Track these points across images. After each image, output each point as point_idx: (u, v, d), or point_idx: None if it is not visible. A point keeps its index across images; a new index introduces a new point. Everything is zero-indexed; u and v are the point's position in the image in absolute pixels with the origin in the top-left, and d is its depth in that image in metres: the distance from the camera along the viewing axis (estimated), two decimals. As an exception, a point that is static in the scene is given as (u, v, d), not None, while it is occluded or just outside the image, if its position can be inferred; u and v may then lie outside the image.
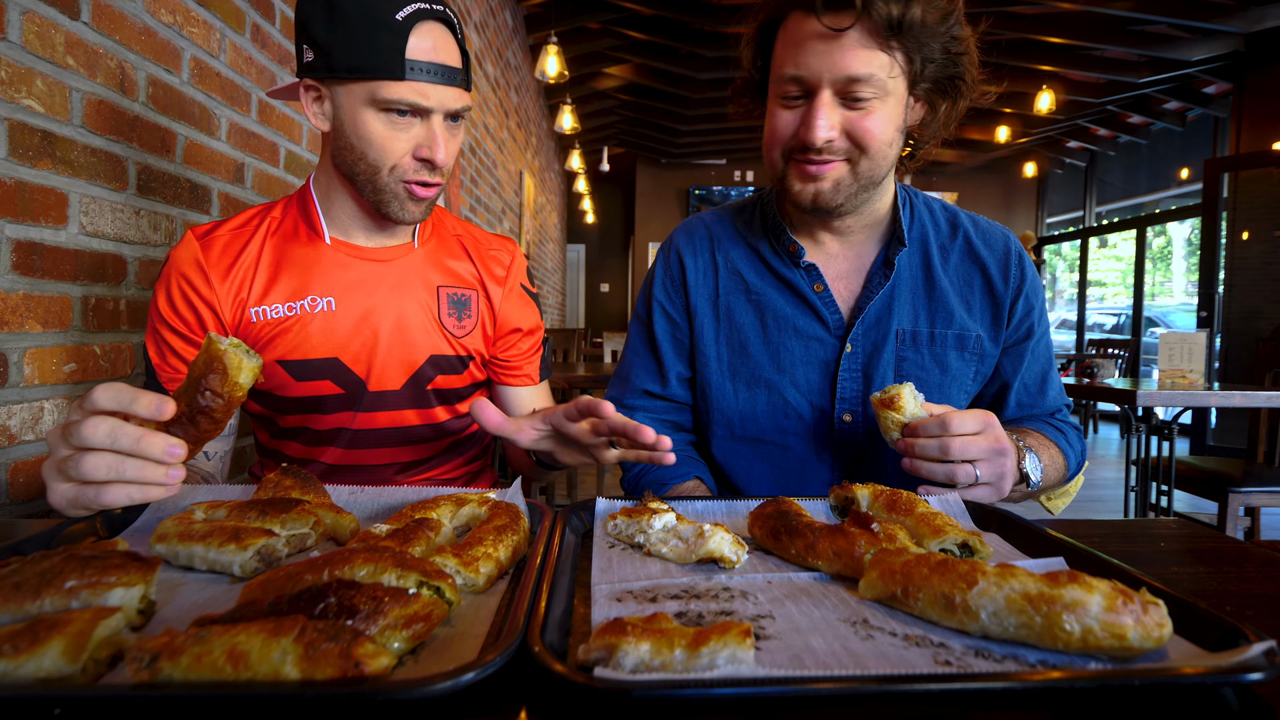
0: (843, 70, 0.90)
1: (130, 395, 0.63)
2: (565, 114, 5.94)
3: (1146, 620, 0.44)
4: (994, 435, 0.82)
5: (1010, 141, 8.18)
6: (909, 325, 1.06)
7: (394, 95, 0.93)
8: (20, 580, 0.48)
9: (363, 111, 0.95)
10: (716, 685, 0.40)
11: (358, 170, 0.99)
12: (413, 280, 1.10)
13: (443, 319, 1.11)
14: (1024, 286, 1.08)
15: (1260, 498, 2.65)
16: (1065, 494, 1.11)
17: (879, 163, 0.96)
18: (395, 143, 0.96)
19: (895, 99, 0.94)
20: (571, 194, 11.54)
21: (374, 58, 0.92)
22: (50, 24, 1.13)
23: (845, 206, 0.99)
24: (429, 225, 1.15)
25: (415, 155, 0.98)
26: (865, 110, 0.92)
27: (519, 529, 0.64)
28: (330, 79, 0.95)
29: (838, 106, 0.92)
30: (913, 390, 0.84)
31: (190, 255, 1.01)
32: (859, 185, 0.97)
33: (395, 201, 1.00)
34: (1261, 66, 5.79)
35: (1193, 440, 6.00)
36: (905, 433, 0.83)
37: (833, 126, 0.92)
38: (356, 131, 0.96)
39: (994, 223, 1.14)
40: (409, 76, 0.93)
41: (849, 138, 0.93)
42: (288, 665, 0.39)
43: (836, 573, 0.60)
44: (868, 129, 0.92)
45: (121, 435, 0.62)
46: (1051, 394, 1.13)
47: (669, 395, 1.16)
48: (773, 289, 1.09)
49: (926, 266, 1.08)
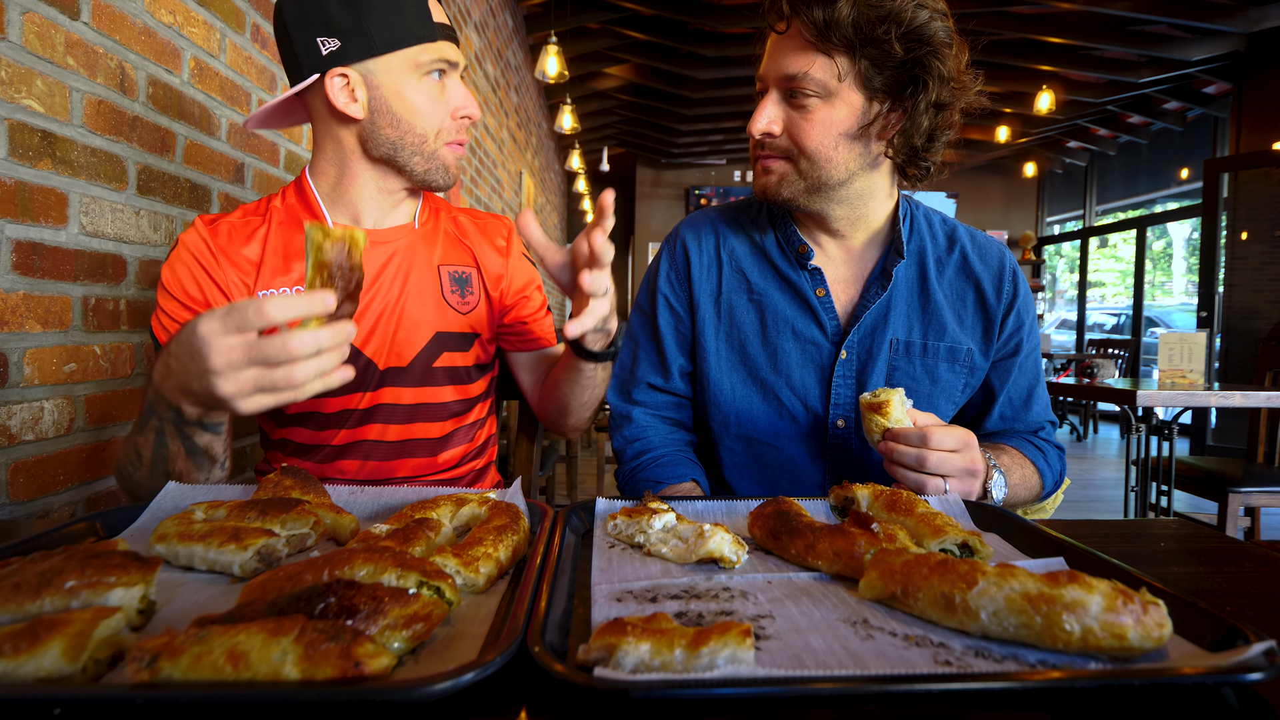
0: (781, 69, 0.96)
1: (302, 302, 0.67)
2: (565, 114, 5.93)
3: (1146, 620, 0.44)
4: (970, 457, 0.85)
5: (1010, 141, 8.17)
6: (903, 335, 1.07)
7: (434, 55, 0.99)
8: (20, 580, 0.48)
9: (406, 82, 1.00)
10: (716, 685, 0.40)
11: (404, 145, 1.02)
12: (415, 258, 1.11)
13: (446, 295, 1.12)
14: (1016, 302, 1.09)
15: (1260, 498, 2.65)
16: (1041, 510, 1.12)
17: (821, 164, 0.98)
18: (439, 105, 1.03)
19: (841, 102, 0.95)
20: (571, 194, 11.54)
21: (408, 26, 0.98)
22: (50, 24, 1.13)
23: (799, 203, 1.03)
24: (427, 207, 1.17)
25: (455, 115, 1.04)
26: (805, 111, 0.96)
27: (519, 529, 0.64)
28: (368, 58, 0.98)
29: (781, 104, 0.98)
30: (901, 398, 0.87)
31: (199, 236, 1.03)
32: (806, 184, 1.00)
33: (441, 169, 1.06)
34: (1261, 66, 5.79)
35: (1193, 440, 6.00)
36: (887, 436, 0.86)
37: (771, 120, 0.98)
38: (404, 104, 1.01)
39: (991, 238, 1.14)
40: (440, 36, 1.00)
41: (789, 136, 0.98)
42: (288, 665, 0.39)
43: (836, 573, 0.60)
44: (804, 130, 0.97)
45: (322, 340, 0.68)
46: (1036, 410, 1.14)
47: (670, 388, 1.17)
48: (775, 289, 1.10)
49: (922, 279, 1.09)
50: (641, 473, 1.10)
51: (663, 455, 1.11)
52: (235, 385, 0.69)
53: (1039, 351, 1.15)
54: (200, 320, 0.69)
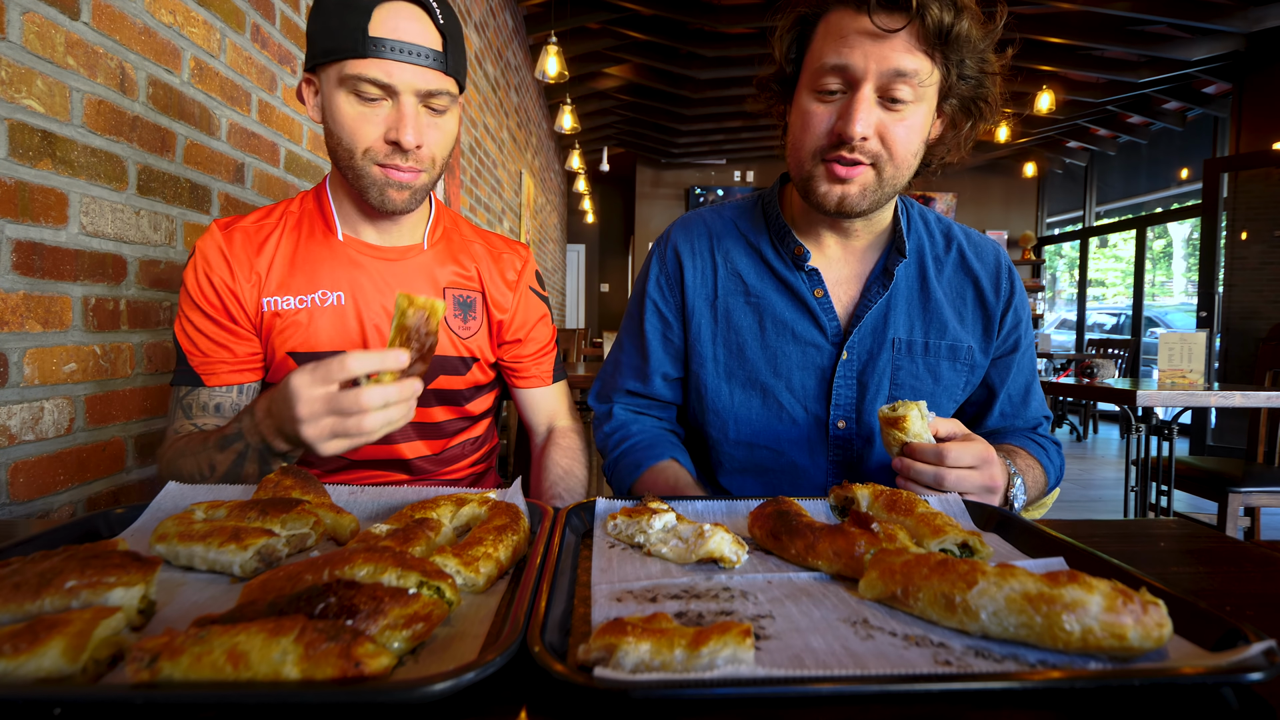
0: (891, 64, 0.88)
1: (377, 358, 0.78)
2: (565, 114, 5.93)
3: (1146, 620, 0.44)
4: (990, 474, 0.83)
5: (1010, 141, 8.17)
6: (905, 335, 1.06)
7: (356, 71, 0.94)
8: (20, 580, 0.48)
9: (335, 94, 0.97)
10: (716, 685, 0.40)
11: (338, 156, 1.01)
12: (421, 280, 1.11)
13: (448, 319, 1.12)
14: (1013, 299, 1.10)
15: (1260, 498, 2.65)
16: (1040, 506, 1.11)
17: (903, 170, 0.95)
18: (365, 124, 0.97)
19: (927, 107, 0.94)
20: (571, 194, 11.53)
21: (341, 38, 0.94)
22: (50, 24, 1.13)
23: (866, 212, 0.99)
24: (440, 227, 1.16)
25: (385, 138, 0.98)
26: (900, 114, 0.91)
27: (519, 529, 0.64)
28: (315, 68, 0.98)
29: (876, 105, 0.91)
30: (921, 411, 0.83)
31: (215, 244, 1.04)
32: (883, 192, 0.96)
33: (374, 188, 1.01)
34: (1261, 66, 5.79)
35: (1192, 440, 5.99)
36: (904, 452, 0.84)
37: (871, 124, 0.91)
38: (332, 115, 0.98)
39: (985, 236, 1.15)
40: (372, 53, 0.93)
41: (881, 140, 0.92)
42: (288, 665, 0.39)
43: (836, 573, 0.60)
44: (900, 134, 0.92)
45: (390, 395, 0.78)
46: (1034, 405, 1.14)
47: (650, 393, 1.16)
48: (773, 291, 1.09)
49: (922, 277, 1.08)
50: (623, 459, 1.10)
51: (641, 440, 1.11)
52: (316, 430, 0.79)
53: (1034, 347, 1.15)
54: (293, 374, 0.80)
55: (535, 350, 1.22)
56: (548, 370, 1.24)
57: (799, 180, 1.00)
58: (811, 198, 0.98)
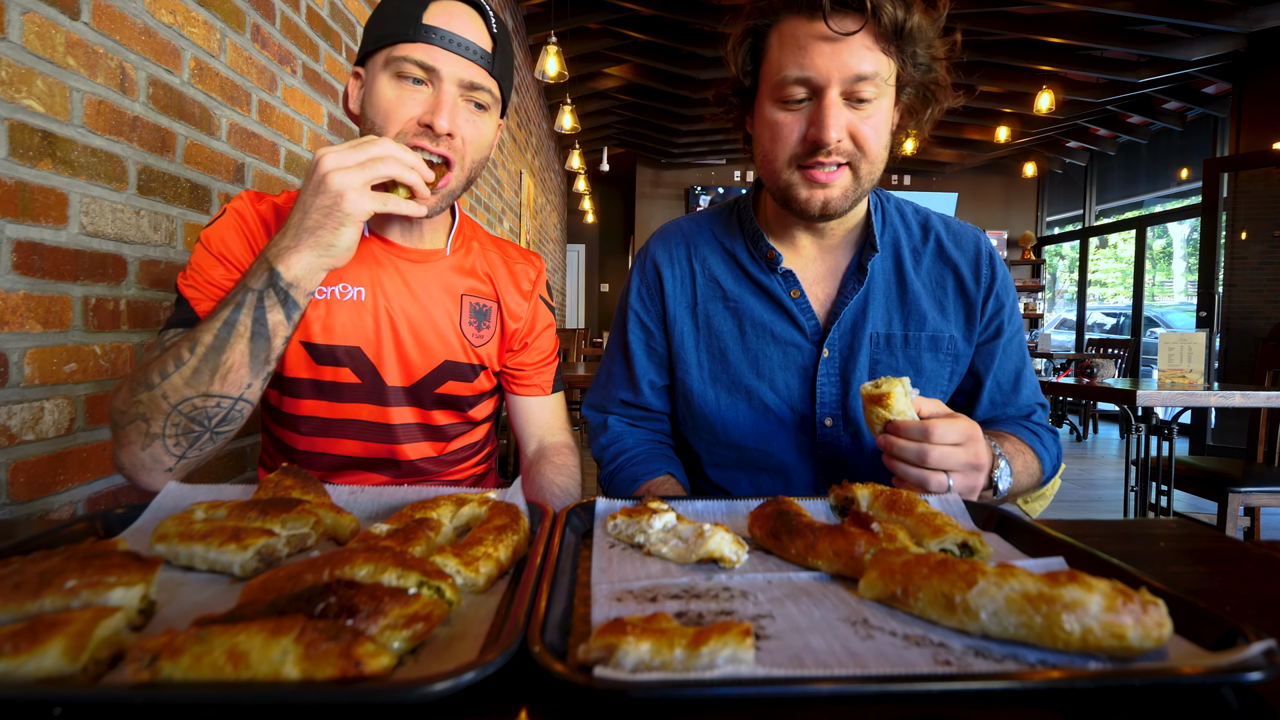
0: (852, 69, 0.89)
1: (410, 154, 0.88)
2: (565, 114, 5.93)
3: (1146, 620, 0.44)
4: (974, 450, 0.82)
5: (1010, 141, 8.17)
6: (883, 329, 1.06)
7: (403, 54, 0.95)
8: (20, 580, 0.48)
9: (379, 77, 0.97)
10: (716, 685, 0.40)
11: None
12: (440, 285, 1.11)
13: (463, 327, 1.12)
14: (995, 285, 1.09)
15: (1260, 498, 2.65)
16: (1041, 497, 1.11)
17: (877, 165, 0.96)
18: (401, 105, 0.96)
19: (889, 101, 0.96)
20: (571, 194, 11.53)
21: (395, 25, 0.96)
22: (50, 24, 1.13)
23: (849, 211, 1.00)
24: (461, 235, 1.17)
25: (420, 120, 0.97)
26: (866, 112, 0.92)
27: (519, 529, 0.64)
28: (365, 58, 1.00)
29: (844, 107, 0.92)
30: (905, 388, 0.83)
31: (249, 207, 1.03)
32: (861, 189, 0.98)
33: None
34: (1261, 67, 5.80)
35: (1192, 440, 6.00)
36: (888, 429, 0.83)
37: (843, 126, 0.92)
38: (372, 100, 0.98)
39: (965, 224, 1.15)
40: (422, 39, 0.95)
41: (853, 140, 0.93)
42: (288, 665, 0.39)
43: (836, 573, 0.60)
44: (869, 132, 0.93)
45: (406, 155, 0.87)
46: (1025, 393, 1.13)
47: (641, 403, 1.17)
48: (750, 295, 1.09)
49: (899, 270, 1.09)
50: (619, 473, 1.10)
51: (637, 454, 1.12)
52: (344, 178, 0.82)
53: (1023, 334, 1.14)
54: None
55: (539, 359, 1.23)
56: (548, 380, 1.24)
57: (776, 190, 1.00)
58: (793, 205, 0.98)
